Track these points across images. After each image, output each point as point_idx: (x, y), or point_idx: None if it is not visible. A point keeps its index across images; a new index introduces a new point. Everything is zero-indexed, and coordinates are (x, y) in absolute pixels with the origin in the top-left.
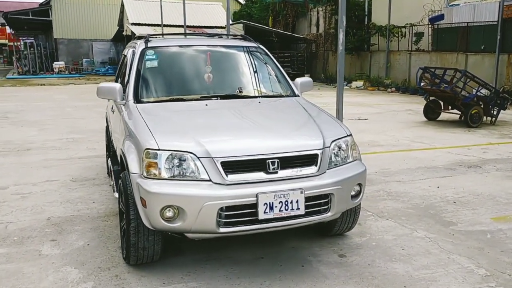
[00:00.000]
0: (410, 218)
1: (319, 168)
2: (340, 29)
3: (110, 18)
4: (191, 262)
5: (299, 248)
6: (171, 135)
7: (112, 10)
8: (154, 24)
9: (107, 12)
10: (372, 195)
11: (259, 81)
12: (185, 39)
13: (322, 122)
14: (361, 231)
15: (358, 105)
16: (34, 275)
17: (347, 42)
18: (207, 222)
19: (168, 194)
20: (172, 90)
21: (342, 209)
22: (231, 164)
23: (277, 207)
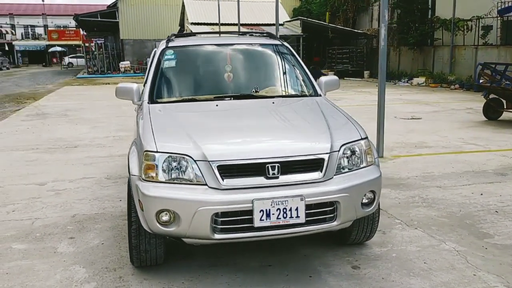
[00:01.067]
0: (442, 228)
1: (324, 173)
2: (382, 24)
3: (172, 18)
4: (197, 267)
5: (311, 256)
6: (171, 137)
7: (174, 11)
8: (212, 23)
9: (170, 13)
10: (406, 201)
11: (279, 80)
12: (208, 38)
13: (336, 124)
14: (383, 241)
15: (415, 103)
16: (43, 273)
17: (409, 37)
18: (201, 228)
19: (163, 197)
20: (187, 90)
21: (351, 218)
22: (228, 168)
23: (274, 214)
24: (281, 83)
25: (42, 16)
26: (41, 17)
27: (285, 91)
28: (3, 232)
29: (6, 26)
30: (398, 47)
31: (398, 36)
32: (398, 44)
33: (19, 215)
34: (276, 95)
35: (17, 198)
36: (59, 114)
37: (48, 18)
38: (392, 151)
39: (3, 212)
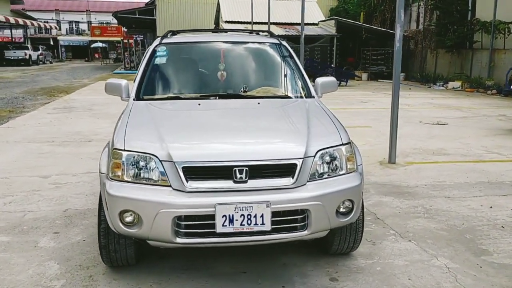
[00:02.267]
0: (437, 242)
1: (296, 179)
2: (397, 24)
3: (208, 16)
4: (169, 270)
5: (290, 265)
6: (142, 135)
7: (210, 9)
8: (245, 22)
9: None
10: (406, 211)
11: (272, 80)
12: (204, 35)
13: (317, 128)
14: (371, 252)
15: (446, 108)
16: (18, 267)
17: (447, 39)
18: (163, 231)
19: (126, 198)
20: (175, 88)
21: (324, 228)
22: (194, 170)
23: (238, 220)
24: (273, 84)
25: (86, 13)
26: (85, 14)
27: (276, 92)
28: None
29: (52, 22)
30: (436, 50)
31: (436, 38)
32: (435, 47)
33: (14, 207)
34: (265, 96)
35: (18, 189)
36: (85, 108)
37: (91, 14)
38: (407, 157)
39: (0, 203)
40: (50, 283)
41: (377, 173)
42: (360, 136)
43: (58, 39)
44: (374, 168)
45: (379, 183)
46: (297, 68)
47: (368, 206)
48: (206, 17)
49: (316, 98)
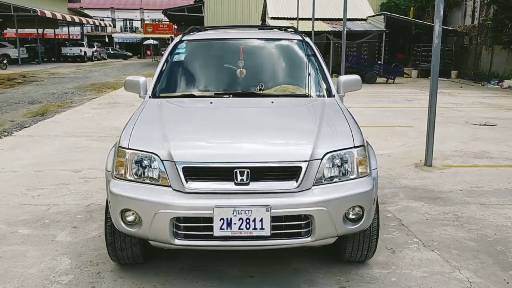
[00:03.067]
0: (463, 253)
1: (300, 183)
2: (436, 19)
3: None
4: (177, 270)
5: (300, 271)
6: (148, 134)
7: (257, 5)
8: (291, 18)
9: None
10: (435, 218)
11: (291, 78)
12: (226, 32)
13: (329, 130)
14: (388, 261)
15: (497, 108)
16: (32, 260)
17: (503, 35)
18: (161, 232)
19: (127, 197)
20: (190, 85)
21: (329, 235)
22: (194, 171)
23: (236, 224)
24: (293, 82)
25: (140, 10)
26: (139, 11)
27: (295, 90)
28: (18, 216)
29: (108, 20)
30: (491, 46)
31: (492, 34)
32: (491, 43)
33: (41, 200)
34: (281, 94)
35: (48, 183)
36: (128, 104)
37: (144, 12)
38: (446, 160)
39: (29, 196)
40: (59, 278)
41: (410, 176)
42: (399, 136)
43: (112, 36)
44: (407, 171)
45: (411, 187)
46: (319, 66)
47: (394, 211)
48: (253, 14)
49: (336, 97)
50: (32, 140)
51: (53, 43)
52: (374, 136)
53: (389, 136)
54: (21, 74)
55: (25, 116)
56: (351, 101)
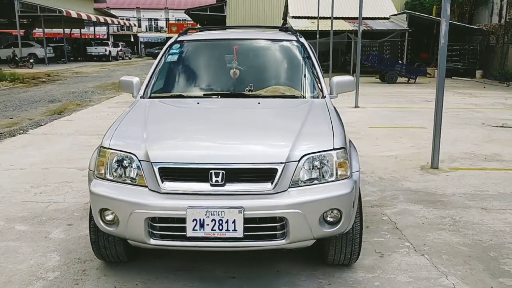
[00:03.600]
0: (454, 258)
1: (276, 185)
2: (442, 19)
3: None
4: (161, 269)
5: (283, 273)
6: (130, 134)
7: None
8: (312, 17)
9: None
10: (431, 222)
11: (283, 79)
12: (222, 32)
13: (310, 131)
14: (375, 265)
15: None
16: (22, 256)
17: None
18: (137, 231)
19: (105, 196)
20: (180, 86)
21: (304, 238)
22: (170, 171)
23: (209, 225)
24: (284, 83)
25: (164, 10)
26: (164, 11)
27: (286, 91)
28: (18, 212)
29: (133, 19)
30: None
31: None
32: None
33: (42, 197)
34: (270, 96)
35: (52, 180)
36: None
37: (169, 12)
38: (454, 162)
39: (32, 193)
40: (45, 274)
41: (414, 178)
42: (410, 137)
43: (138, 36)
44: (412, 173)
45: (412, 190)
46: (312, 67)
47: (391, 214)
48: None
49: (327, 99)
50: (45, 138)
51: (79, 43)
52: (385, 137)
53: (400, 137)
54: (46, 73)
55: (43, 115)
56: (367, 101)
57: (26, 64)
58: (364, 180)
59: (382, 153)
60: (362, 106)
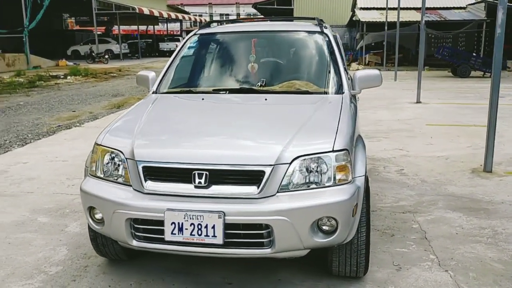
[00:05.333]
0: (483, 277)
1: (262, 189)
2: (499, 6)
3: (346, 3)
4: (160, 270)
5: (285, 282)
6: (124, 131)
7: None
8: (380, 8)
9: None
10: (466, 233)
11: (300, 73)
12: (243, 25)
13: (311, 131)
14: (388, 279)
15: None
16: (34, 249)
17: None
18: (119, 232)
19: (92, 194)
20: (192, 81)
21: (293, 247)
22: (154, 171)
23: (187, 229)
24: (301, 77)
25: (236, 5)
26: (235, 6)
27: (302, 86)
28: (45, 204)
29: (205, 15)
30: None
31: None
32: None
33: (73, 189)
34: (282, 91)
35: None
36: None
37: (240, 6)
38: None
39: (65, 185)
40: (49, 268)
41: (461, 182)
42: (469, 137)
43: None
44: (461, 176)
45: (456, 195)
46: (334, 60)
47: (423, 222)
48: (343, 5)
49: (345, 94)
50: (96, 131)
51: (153, 39)
52: (441, 135)
53: (458, 136)
54: (118, 68)
55: (104, 108)
56: (432, 96)
57: (102, 60)
58: (404, 183)
59: (432, 153)
60: (425, 102)
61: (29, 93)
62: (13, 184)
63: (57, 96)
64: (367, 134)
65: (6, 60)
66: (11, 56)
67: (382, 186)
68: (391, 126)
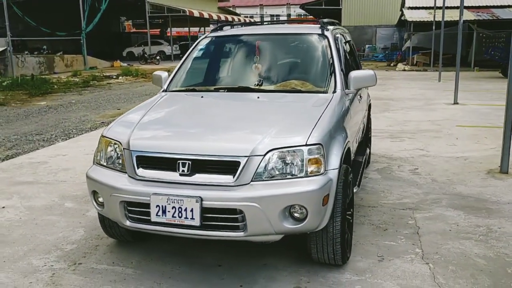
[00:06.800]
0: (462, 270)
1: (237, 177)
2: None
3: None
4: (160, 251)
5: (269, 266)
6: (125, 124)
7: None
8: (429, 7)
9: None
10: (460, 230)
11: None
12: (248, 28)
13: (287, 126)
14: (368, 269)
15: None
16: (56, 229)
17: None
18: (115, 213)
19: (94, 180)
20: (197, 80)
21: (264, 231)
22: (145, 160)
23: (170, 212)
24: (299, 77)
25: (286, 6)
26: (285, 7)
27: (298, 86)
28: (74, 192)
29: (256, 16)
30: None
31: None
32: None
33: None
34: (271, 90)
35: None
36: None
37: (291, 7)
38: None
39: None
40: (65, 246)
41: (472, 182)
42: (496, 138)
43: None
44: (474, 177)
45: (462, 195)
46: (330, 61)
47: (420, 218)
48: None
49: (337, 94)
50: None
51: None
52: (468, 136)
53: (485, 137)
54: (168, 68)
55: None
56: (472, 97)
57: (154, 61)
58: (413, 182)
59: (453, 154)
60: (462, 103)
61: (81, 92)
62: (50, 173)
63: (107, 95)
64: (391, 134)
65: (65, 61)
66: (70, 57)
67: (391, 184)
68: (419, 126)
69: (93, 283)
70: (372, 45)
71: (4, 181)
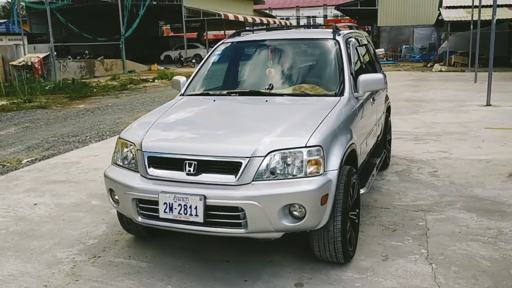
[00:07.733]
0: (464, 271)
1: (239, 177)
2: None
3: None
4: (174, 247)
5: (274, 263)
6: (141, 126)
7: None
8: (467, 6)
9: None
10: (469, 232)
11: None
12: (264, 34)
13: (289, 128)
14: (370, 267)
15: None
16: (81, 225)
17: None
18: (129, 210)
19: (111, 178)
20: (211, 84)
21: (264, 229)
22: (156, 160)
23: (176, 209)
24: (309, 81)
25: (323, 7)
26: (322, 8)
27: (307, 90)
28: (100, 190)
29: (292, 18)
30: None
31: None
32: None
33: None
34: (285, 93)
35: None
36: None
37: (328, 8)
38: None
39: None
40: (87, 240)
41: (491, 185)
42: None
43: None
44: (494, 180)
45: (479, 197)
46: (340, 65)
47: (431, 220)
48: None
49: (344, 97)
50: None
51: None
52: (495, 139)
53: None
54: None
55: None
56: (508, 98)
57: (189, 64)
58: (431, 184)
59: (476, 156)
60: (495, 105)
61: (118, 96)
62: (81, 173)
63: (142, 98)
64: (416, 136)
65: (105, 66)
66: (109, 62)
67: (408, 186)
68: (446, 128)
69: (109, 275)
70: (410, 46)
71: (39, 180)
